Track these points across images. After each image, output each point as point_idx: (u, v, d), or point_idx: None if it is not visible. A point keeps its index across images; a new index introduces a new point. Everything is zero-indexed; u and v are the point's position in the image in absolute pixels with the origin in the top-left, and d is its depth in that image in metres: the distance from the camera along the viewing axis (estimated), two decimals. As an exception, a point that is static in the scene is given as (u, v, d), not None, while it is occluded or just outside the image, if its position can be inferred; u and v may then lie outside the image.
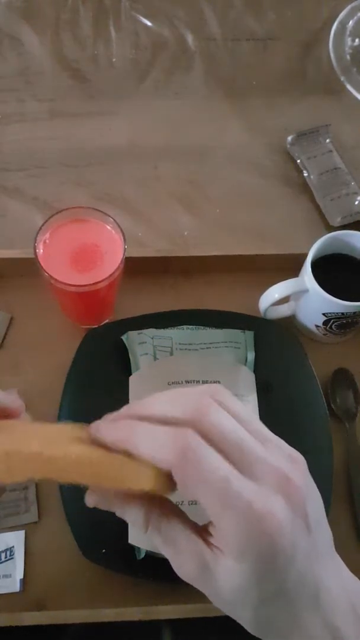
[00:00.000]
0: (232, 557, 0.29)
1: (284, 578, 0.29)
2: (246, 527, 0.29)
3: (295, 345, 0.60)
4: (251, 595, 0.30)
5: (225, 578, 0.30)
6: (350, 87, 0.77)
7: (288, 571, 0.29)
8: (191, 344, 0.59)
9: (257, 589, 0.30)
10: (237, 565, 0.29)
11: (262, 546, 0.29)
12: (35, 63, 0.77)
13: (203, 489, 0.29)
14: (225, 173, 0.73)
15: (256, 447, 0.30)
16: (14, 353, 0.62)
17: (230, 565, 0.30)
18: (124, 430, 0.31)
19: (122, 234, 0.54)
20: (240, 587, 0.30)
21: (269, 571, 0.29)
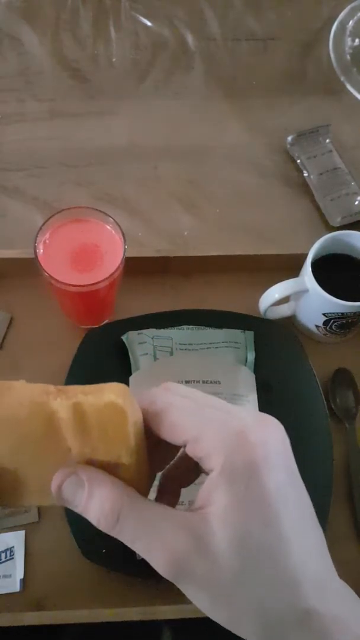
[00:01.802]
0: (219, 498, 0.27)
1: (278, 525, 0.27)
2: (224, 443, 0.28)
3: (295, 345, 0.60)
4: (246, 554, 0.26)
5: (216, 534, 0.26)
6: (350, 87, 0.77)
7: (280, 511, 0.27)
8: (191, 344, 0.59)
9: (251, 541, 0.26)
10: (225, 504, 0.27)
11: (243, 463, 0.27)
12: (35, 63, 0.77)
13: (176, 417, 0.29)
14: (225, 173, 0.73)
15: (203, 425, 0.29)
16: (14, 353, 0.62)
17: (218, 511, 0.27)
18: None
19: (122, 234, 0.54)
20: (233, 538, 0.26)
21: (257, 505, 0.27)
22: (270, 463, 0.27)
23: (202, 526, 0.27)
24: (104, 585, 0.53)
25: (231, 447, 0.27)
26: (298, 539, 0.27)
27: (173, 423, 0.29)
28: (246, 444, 0.27)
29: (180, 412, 0.29)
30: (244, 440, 0.27)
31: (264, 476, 0.27)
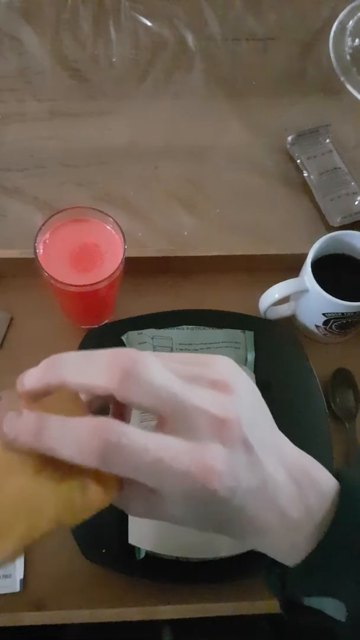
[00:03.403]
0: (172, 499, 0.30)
1: (229, 506, 0.30)
2: (186, 491, 0.29)
3: (295, 345, 0.60)
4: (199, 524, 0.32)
5: (170, 512, 0.31)
6: (350, 87, 0.77)
7: (233, 499, 0.30)
8: (191, 344, 0.59)
9: (205, 523, 0.32)
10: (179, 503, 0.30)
11: (205, 498, 0.29)
12: (35, 63, 0.77)
13: (133, 475, 0.28)
14: (225, 173, 0.73)
15: (186, 395, 0.30)
16: (14, 353, 0.62)
17: (172, 507, 0.31)
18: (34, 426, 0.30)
19: (122, 234, 0.54)
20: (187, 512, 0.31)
21: (213, 510, 0.31)
22: (228, 487, 0.30)
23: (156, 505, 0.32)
24: (104, 585, 0.53)
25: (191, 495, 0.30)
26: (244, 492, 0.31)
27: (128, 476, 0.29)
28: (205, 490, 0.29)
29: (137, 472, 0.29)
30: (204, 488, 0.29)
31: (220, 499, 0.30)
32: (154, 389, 0.29)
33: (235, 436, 0.30)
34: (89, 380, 0.30)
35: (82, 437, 0.28)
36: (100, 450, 0.28)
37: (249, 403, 0.32)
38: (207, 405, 0.30)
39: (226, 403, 0.31)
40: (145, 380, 0.29)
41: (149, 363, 0.30)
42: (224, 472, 0.29)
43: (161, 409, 0.29)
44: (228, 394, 0.31)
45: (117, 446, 0.28)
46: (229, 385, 0.31)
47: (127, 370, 0.29)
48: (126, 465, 0.28)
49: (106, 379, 0.29)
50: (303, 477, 0.33)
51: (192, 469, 0.29)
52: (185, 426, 0.30)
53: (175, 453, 0.29)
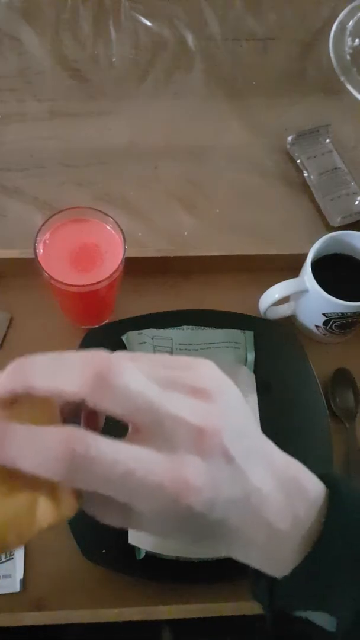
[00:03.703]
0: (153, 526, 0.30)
1: (208, 520, 0.29)
2: (160, 507, 0.27)
3: (295, 345, 0.60)
4: (179, 537, 0.31)
5: (145, 527, 0.31)
6: (350, 87, 0.77)
7: (211, 513, 0.29)
8: (191, 344, 0.59)
9: (184, 536, 0.31)
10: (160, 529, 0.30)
11: (180, 513, 0.28)
12: (35, 63, 0.77)
13: (101, 489, 0.27)
14: (225, 173, 0.73)
15: (163, 403, 0.28)
16: (14, 353, 0.61)
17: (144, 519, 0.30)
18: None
19: (122, 234, 0.54)
20: (168, 536, 0.31)
21: (191, 524, 0.29)
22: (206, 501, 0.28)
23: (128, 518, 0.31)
24: (104, 585, 0.53)
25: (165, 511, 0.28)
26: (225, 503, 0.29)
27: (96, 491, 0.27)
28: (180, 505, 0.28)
29: (105, 485, 0.27)
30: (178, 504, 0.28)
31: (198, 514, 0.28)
32: (129, 395, 0.27)
33: (214, 447, 0.28)
34: (58, 386, 0.28)
35: (47, 447, 0.26)
36: (66, 462, 0.26)
37: (231, 410, 0.30)
38: (186, 414, 0.28)
39: (206, 411, 0.29)
40: (120, 386, 0.27)
41: (124, 367, 0.28)
42: (200, 486, 0.27)
43: (136, 418, 0.28)
44: (209, 401, 0.29)
45: (84, 458, 0.26)
46: (210, 391, 0.29)
47: (100, 374, 0.27)
48: (94, 479, 0.26)
49: (77, 384, 0.27)
50: (291, 485, 0.31)
51: (166, 483, 0.27)
52: (161, 436, 0.28)
53: (147, 466, 0.27)
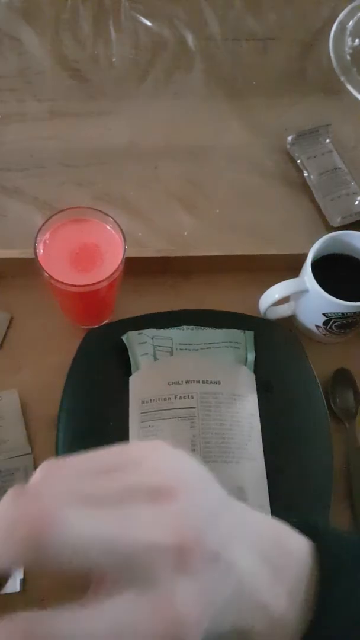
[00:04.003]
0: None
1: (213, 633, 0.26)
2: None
3: (295, 345, 0.60)
4: None
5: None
6: (350, 87, 0.77)
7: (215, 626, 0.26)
8: (191, 344, 0.59)
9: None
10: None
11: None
12: (35, 63, 0.77)
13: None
14: (225, 173, 0.73)
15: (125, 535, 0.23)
16: (14, 353, 0.62)
17: None
18: None
19: (122, 234, 0.54)
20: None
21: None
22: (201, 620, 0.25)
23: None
24: (104, 585, 0.53)
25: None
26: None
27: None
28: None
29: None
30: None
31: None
32: (80, 548, 0.22)
33: (199, 560, 0.24)
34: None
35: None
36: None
37: (200, 498, 0.27)
38: (156, 535, 0.24)
39: (177, 520, 0.25)
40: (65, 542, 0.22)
41: (63, 516, 0.22)
42: (200, 615, 0.24)
43: (98, 567, 0.23)
44: (174, 501, 0.25)
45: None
46: (171, 487, 0.26)
47: (34, 537, 0.22)
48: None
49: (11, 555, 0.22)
50: (275, 552, 0.29)
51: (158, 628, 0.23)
52: (136, 576, 0.23)
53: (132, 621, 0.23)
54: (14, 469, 0.56)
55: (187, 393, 0.56)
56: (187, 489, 0.26)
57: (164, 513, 0.25)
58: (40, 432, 0.58)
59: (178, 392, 0.56)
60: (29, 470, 0.56)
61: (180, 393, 0.56)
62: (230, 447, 0.54)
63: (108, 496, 0.24)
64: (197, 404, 0.55)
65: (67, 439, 0.55)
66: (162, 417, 0.55)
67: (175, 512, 0.25)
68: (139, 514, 0.24)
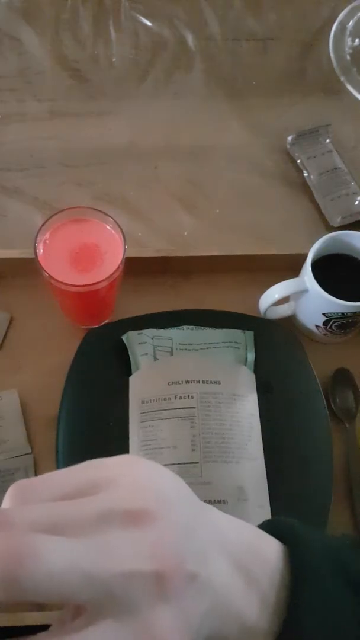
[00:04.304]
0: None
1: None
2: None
3: (295, 345, 0.60)
4: None
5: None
6: (350, 87, 0.77)
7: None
8: (191, 344, 0.59)
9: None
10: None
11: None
12: (35, 63, 0.77)
13: None
14: (225, 173, 0.73)
15: (102, 564, 0.23)
16: (14, 353, 0.62)
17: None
18: None
19: (122, 234, 0.54)
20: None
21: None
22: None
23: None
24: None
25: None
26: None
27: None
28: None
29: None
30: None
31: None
32: (58, 581, 0.22)
33: (179, 585, 0.24)
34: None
35: None
36: None
37: (175, 513, 0.26)
38: (134, 564, 0.23)
39: (155, 545, 0.24)
40: (42, 576, 0.22)
41: (39, 549, 0.22)
42: (176, 635, 0.24)
43: (76, 598, 0.23)
44: (151, 523, 0.25)
45: None
46: (147, 511, 0.25)
47: (7, 572, 0.21)
48: None
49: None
50: (249, 559, 0.29)
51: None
52: (116, 605, 0.23)
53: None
54: (14, 469, 0.56)
55: (187, 393, 0.56)
56: (163, 509, 0.26)
57: (141, 539, 0.24)
58: (40, 432, 0.58)
59: (178, 392, 0.56)
60: (29, 470, 0.56)
61: (180, 393, 0.56)
62: (230, 447, 0.54)
63: (83, 524, 0.24)
64: (197, 404, 0.55)
65: (67, 439, 0.55)
66: (162, 417, 0.55)
67: (152, 537, 0.25)
68: (116, 541, 0.24)
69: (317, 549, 0.31)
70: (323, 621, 0.29)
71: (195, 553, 0.26)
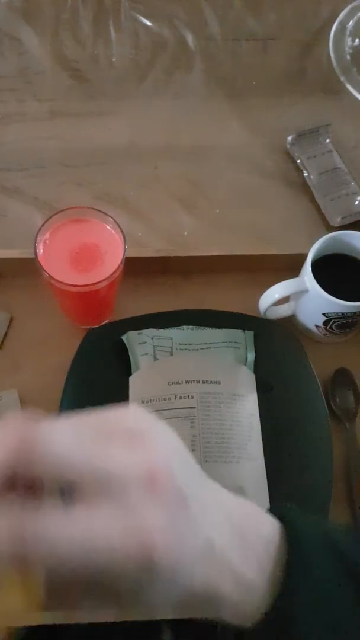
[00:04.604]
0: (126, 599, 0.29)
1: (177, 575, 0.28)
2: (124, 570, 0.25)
3: (295, 345, 0.60)
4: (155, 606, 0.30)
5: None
6: (350, 87, 0.77)
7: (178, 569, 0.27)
8: (191, 344, 0.59)
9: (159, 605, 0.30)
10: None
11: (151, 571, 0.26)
12: (35, 63, 0.77)
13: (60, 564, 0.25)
14: (225, 173, 0.73)
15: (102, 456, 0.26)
16: (14, 353, 0.62)
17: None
18: None
19: (122, 234, 0.54)
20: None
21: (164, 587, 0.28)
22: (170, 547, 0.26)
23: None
24: (104, 585, 0.53)
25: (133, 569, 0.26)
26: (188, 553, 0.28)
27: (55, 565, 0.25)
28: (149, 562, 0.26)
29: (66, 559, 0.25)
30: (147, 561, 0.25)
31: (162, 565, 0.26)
32: (65, 455, 0.25)
33: (168, 489, 0.26)
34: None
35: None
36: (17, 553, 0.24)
37: (172, 450, 0.29)
38: (129, 462, 0.26)
39: (149, 455, 0.27)
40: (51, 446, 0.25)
41: (51, 427, 0.26)
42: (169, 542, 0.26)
43: (77, 477, 0.25)
44: (148, 444, 0.27)
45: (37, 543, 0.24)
46: (146, 434, 0.28)
47: (25, 439, 0.25)
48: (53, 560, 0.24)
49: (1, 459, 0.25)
50: (247, 526, 0.30)
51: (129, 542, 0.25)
52: (109, 493, 0.25)
53: (105, 531, 0.25)
54: (14, 469, 0.56)
55: (187, 393, 0.56)
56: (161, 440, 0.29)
57: (140, 449, 0.27)
58: (40, 432, 0.58)
59: (178, 392, 0.56)
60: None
61: (180, 393, 0.56)
62: (230, 447, 0.54)
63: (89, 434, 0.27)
64: (197, 404, 0.55)
65: (67, 439, 0.54)
66: (162, 417, 0.55)
67: (148, 450, 0.27)
68: (116, 447, 0.27)
69: (311, 525, 0.32)
70: (316, 601, 0.30)
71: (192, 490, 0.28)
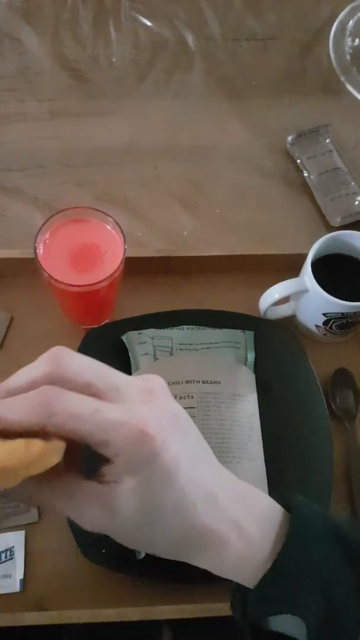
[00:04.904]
0: (127, 479, 0.31)
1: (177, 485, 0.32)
2: (128, 443, 0.31)
3: (295, 345, 0.60)
4: (153, 512, 0.32)
5: (126, 505, 0.32)
6: (350, 87, 0.77)
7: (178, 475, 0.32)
8: (191, 344, 0.59)
9: (157, 503, 0.32)
10: (132, 485, 0.31)
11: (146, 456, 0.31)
12: (35, 63, 0.77)
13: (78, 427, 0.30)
14: (225, 173, 0.73)
15: (115, 374, 0.34)
16: (14, 353, 0.62)
17: (127, 488, 0.31)
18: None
19: (122, 234, 0.54)
20: (142, 506, 0.32)
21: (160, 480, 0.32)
22: (166, 443, 0.32)
23: (113, 499, 0.32)
24: (104, 585, 0.53)
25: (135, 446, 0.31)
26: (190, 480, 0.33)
27: (75, 431, 0.30)
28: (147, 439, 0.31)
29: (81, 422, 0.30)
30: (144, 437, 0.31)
31: (162, 457, 0.31)
32: (84, 365, 0.33)
33: (163, 403, 0.33)
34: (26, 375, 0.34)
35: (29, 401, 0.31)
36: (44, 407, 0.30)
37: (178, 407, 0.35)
38: (135, 380, 0.34)
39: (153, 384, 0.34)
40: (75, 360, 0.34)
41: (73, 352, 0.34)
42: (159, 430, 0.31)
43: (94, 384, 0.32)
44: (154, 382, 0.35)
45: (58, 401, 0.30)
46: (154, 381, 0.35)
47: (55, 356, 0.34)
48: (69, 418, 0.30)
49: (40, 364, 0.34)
50: (248, 496, 0.35)
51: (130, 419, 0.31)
52: (118, 395, 0.32)
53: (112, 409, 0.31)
54: (14, 469, 0.56)
55: (187, 393, 0.56)
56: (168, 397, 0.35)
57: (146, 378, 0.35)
58: (40, 432, 0.58)
59: (178, 392, 0.56)
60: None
61: (180, 393, 0.56)
62: (230, 447, 0.54)
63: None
64: (197, 404, 0.55)
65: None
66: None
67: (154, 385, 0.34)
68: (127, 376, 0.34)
69: (312, 515, 0.35)
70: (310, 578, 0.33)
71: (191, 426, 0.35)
